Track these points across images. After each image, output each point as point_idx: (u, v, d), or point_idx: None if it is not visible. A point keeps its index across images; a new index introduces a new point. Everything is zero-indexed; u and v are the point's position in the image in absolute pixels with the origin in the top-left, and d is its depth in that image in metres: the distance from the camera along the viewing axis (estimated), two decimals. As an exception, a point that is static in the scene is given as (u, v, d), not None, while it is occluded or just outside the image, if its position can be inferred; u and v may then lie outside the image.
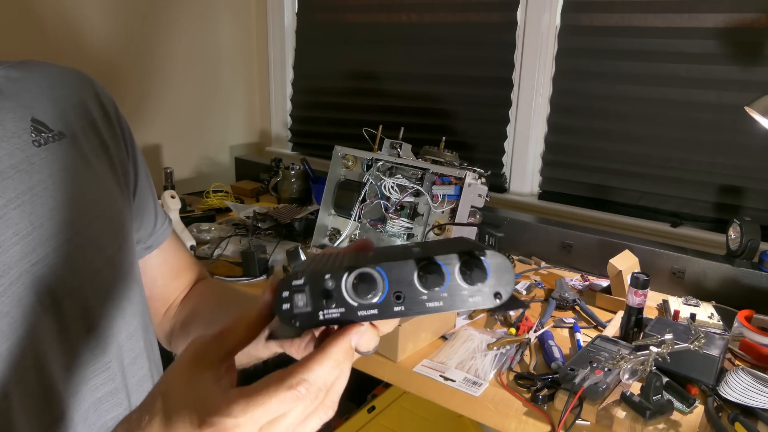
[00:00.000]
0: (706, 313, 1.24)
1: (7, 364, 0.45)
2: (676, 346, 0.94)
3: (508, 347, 1.11)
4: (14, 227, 0.47)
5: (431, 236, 1.39)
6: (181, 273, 0.73)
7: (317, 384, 0.36)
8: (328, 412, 0.38)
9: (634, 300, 1.14)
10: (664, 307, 1.31)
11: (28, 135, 0.50)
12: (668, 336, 0.96)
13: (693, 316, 1.20)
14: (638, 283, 1.13)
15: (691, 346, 0.93)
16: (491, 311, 0.34)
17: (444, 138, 1.47)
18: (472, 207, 1.35)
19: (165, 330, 0.72)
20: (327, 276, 0.37)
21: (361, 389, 1.74)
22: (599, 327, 1.22)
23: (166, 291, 0.72)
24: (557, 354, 1.08)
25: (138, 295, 0.60)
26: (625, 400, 0.91)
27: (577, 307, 1.31)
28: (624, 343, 1.06)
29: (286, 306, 0.38)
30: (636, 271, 1.23)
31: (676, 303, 1.29)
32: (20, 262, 0.46)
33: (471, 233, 1.36)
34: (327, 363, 0.37)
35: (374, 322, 0.40)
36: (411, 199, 1.43)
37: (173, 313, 0.72)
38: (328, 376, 0.37)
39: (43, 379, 0.48)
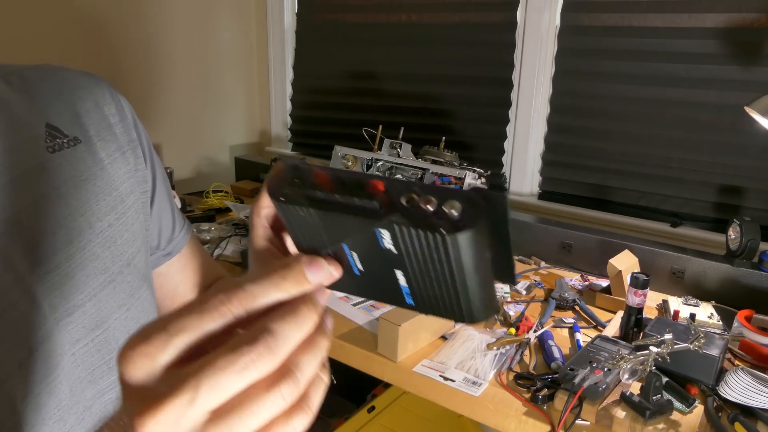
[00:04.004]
0: (705, 313, 1.24)
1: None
2: (675, 346, 0.94)
3: (507, 347, 1.11)
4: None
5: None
6: (204, 279, 0.71)
7: (247, 294, 0.28)
8: (290, 385, 0.27)
9: (633, 300, 1.13)
10: (663, 307, 1.31)
11: (43, 141, 0.49)
12: (668, 336, 0.96)
13: (693, 316, 1.20)
14: (638, 283, 1.13)
15: (691, 346, 0.93)
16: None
17: (444, 138, 1.47)
18: (471, 207, 1.35)
19: None
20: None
21: (361, 389, 1.74)
22: (599, 327, 1.22)
23: (188, 298, 0.70)
24: (557, 354, 1.08)
25: (153, 304, 0.59)
26: (625, 400, 0.91)
27: (577, 307, 1.31)
28: (624, 343, 1.06)
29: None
30: (636, 271, 1.23)
31: (675, 303, 1.29)
32: (29, 274, 0.45)
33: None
34: (268, 278, 0.29)
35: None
36: (411, 199, 1.43)
37: None
38: (267, 292, 0.29)
39: (55, 394, 0.46)
